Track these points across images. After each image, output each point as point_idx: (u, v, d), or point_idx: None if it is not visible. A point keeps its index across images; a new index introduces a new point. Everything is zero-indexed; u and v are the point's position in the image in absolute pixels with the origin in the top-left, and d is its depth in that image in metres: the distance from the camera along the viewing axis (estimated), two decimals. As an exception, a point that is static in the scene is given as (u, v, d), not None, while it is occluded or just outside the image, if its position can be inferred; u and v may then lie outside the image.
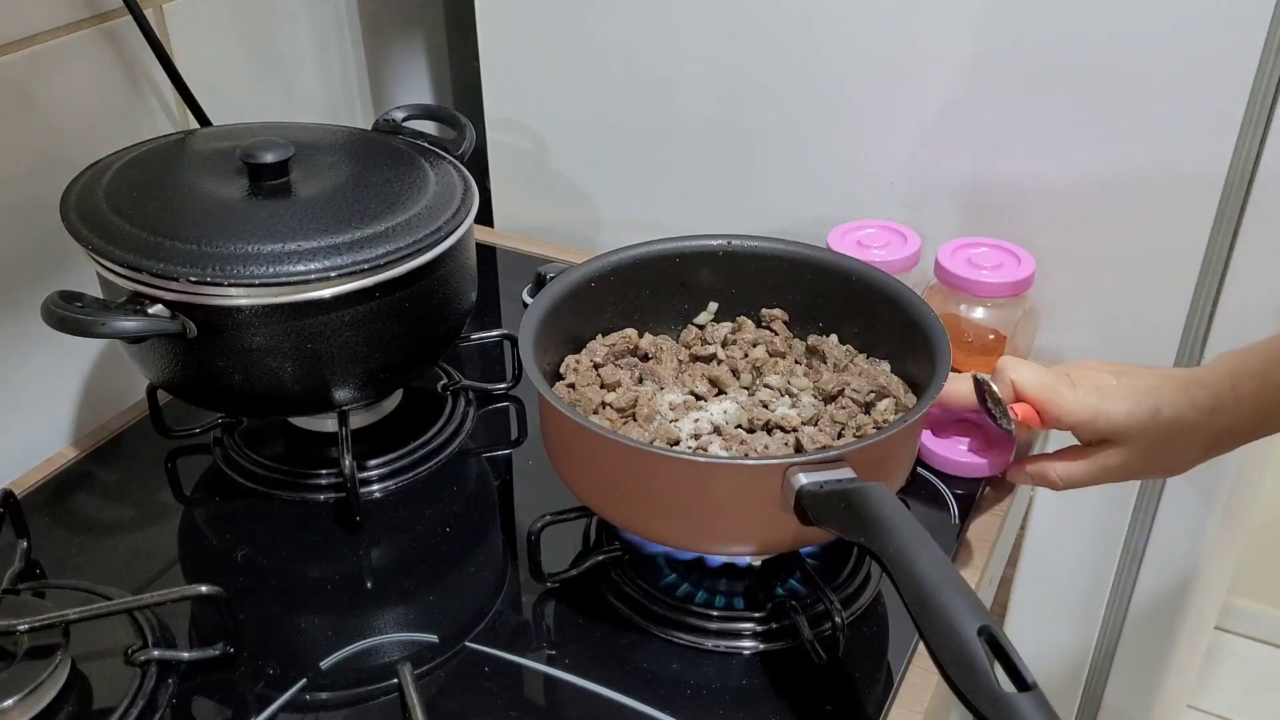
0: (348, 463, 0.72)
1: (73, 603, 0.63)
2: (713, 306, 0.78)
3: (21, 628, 0.59)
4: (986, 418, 0.70)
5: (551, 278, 0.74)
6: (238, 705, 0.61)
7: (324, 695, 0.62)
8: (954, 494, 0.77)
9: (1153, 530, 0.96)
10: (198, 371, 0.69)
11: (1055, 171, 0.85)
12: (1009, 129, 0.85)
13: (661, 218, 1.03)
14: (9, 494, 0.70)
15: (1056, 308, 0.90)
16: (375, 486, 0.77)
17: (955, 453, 0.77)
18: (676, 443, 0.67)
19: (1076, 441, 0.70)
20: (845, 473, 0.58)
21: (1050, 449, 0.95)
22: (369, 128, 0.83)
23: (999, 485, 0.78)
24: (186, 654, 0.63)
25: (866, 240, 0.86)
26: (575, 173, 1.06)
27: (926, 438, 0.78)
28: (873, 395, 0.69)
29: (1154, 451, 0.65)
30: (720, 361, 0.74)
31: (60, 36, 0.77)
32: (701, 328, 0.77)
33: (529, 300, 0.92)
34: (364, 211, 0.70)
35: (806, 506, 0.57)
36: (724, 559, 0.68)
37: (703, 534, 0.63)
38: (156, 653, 0.62)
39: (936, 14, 0.83)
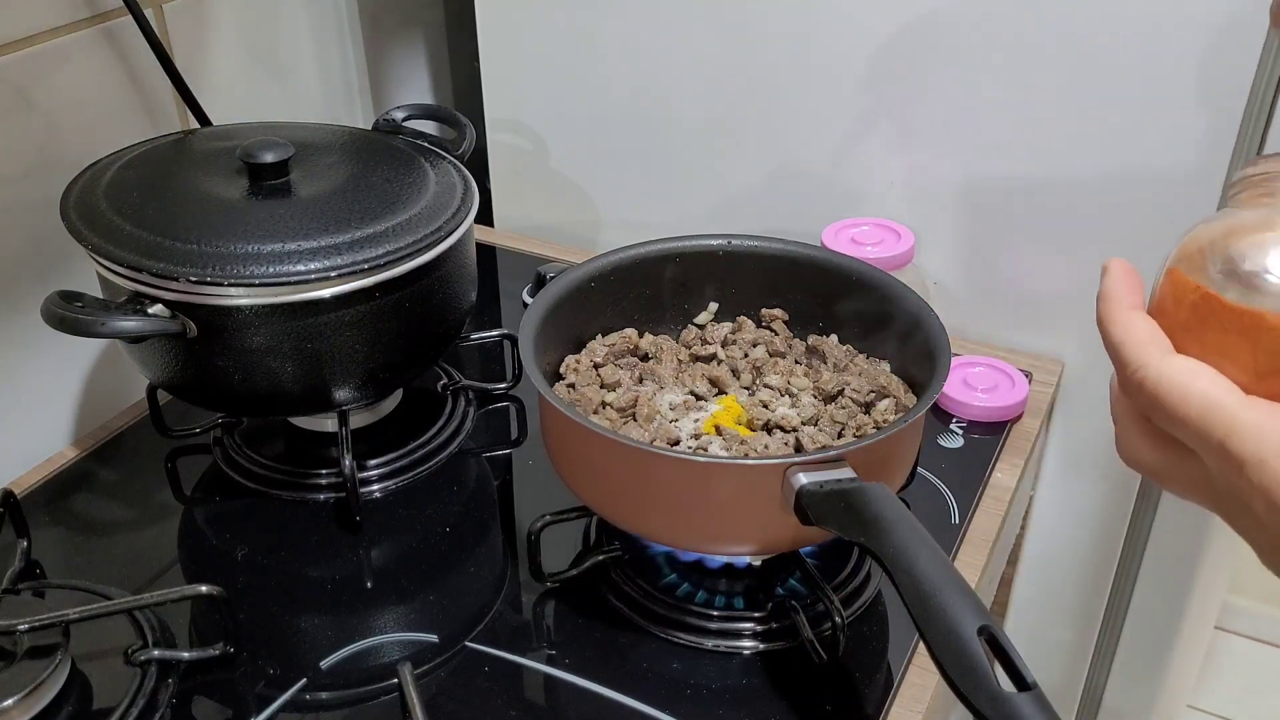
0: (348, 463, 0.72)
1: (73, 603, 0.63)
2: (713, 306, 0.78)
3: (21, 628, 0.59)
4: None
5: (551, 278, 0.74)
6: (238, 705, 0.61)
7: (324, 695, 0.62)
8: (954, 493, 0.77)
9: (1153, 530, 0.96)
10: (198, 371, 0.69)
11: (1054, 171, 0.85)
12: (1007, 128, 0.85)
13: (661, 218, 1.03)
14: (9, 494, 0.70)
15: (1055, 307, 0.90)
16: (375, 486, 0.77)
17: (972, 398, 0.83)
18: (676, 443, 0.67)
19: None
20: (845, 473, 0.58)
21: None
22: (369, 128, 0.83)
23: (999, 484, 0.78)
24: (186, 654, 0.63)
25: (860, 237, 0.86)
26: (575, 173, 1.06)
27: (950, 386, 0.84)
28: (873, 395, 0.69)
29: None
30: (720, 361, 0.74)
31: (60, 36, 0.77)
32: (701, 328, 0.77)
33: (529, 300, 0.92)
34: (364, 211, 0.70)
35: (806, 506, 0.57)
36: (724, 559, 0.68)
37: (703, 534, 0.63)
38: (156, 652, 0.62)
39: (936, 16, 0.83)
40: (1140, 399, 0.41)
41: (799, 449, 0.66)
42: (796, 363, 0.75)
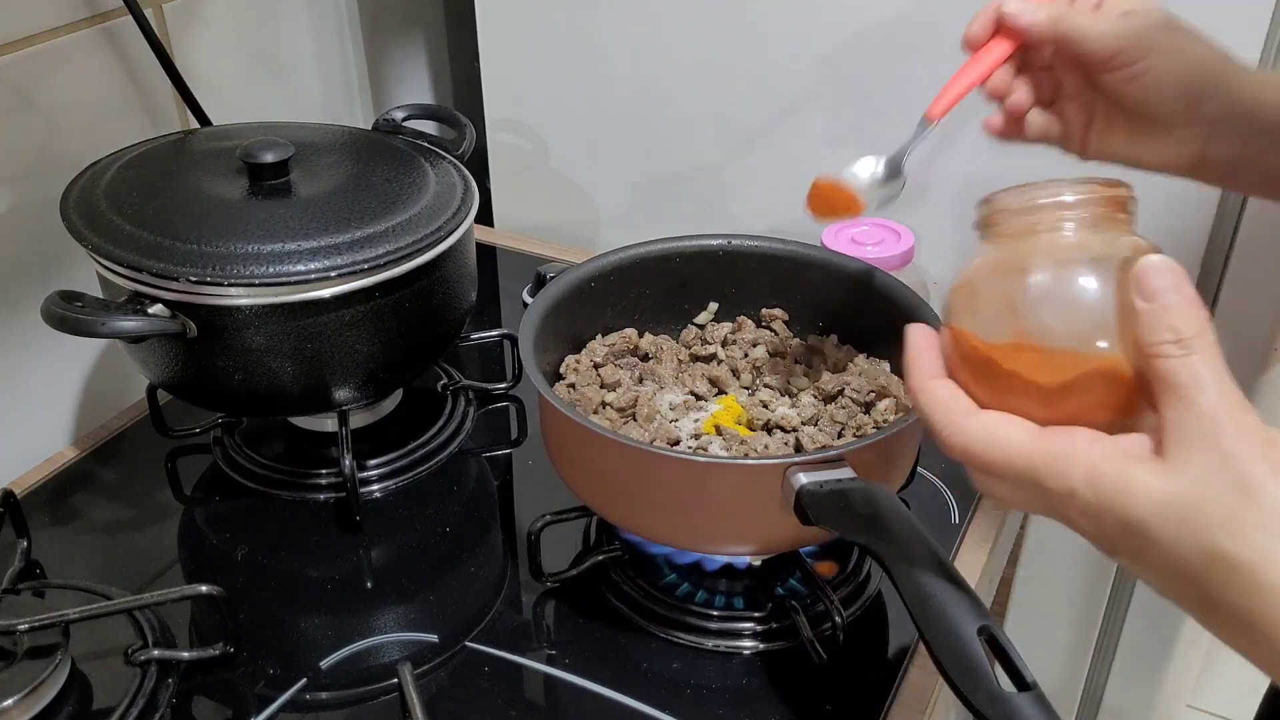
0: (348, 462, 0.72)
1: (73, 603, 0.63)
2: (713, 306, 0.78)
3: (21, 628, 0.59)
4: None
5: (551, 278, 0.74)
6: (238, 705, 0.61)
7: (324, 695, 0.62)
8: (954, 494, 0.77)
9: (1153, 530, 0.96)
10: (198, 371, 0.69)
11: (1054, 171, 0.84)
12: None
13: (661, 218, 1.03)
14: (9, 494, 0.70)
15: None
16: (375, 486, 0.77)
17: None
18: (676, 443, 0.67)
19: None
20: (845, 472, 0.58)
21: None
22: (369, 128, 0.83)
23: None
24: (186, 654, 0.63)
25: (860, 238, 0.86)
26: (575, 173, 1.06)
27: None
28: (873, 395, 0.69)
29: (1164, 26, 0.58)
30: (720, 361, 0.74)
31: (60, 36, 0.77)
32: (701, 328, 0.77)
33: (529, 300, 0.92)
34: (364, 211, 0.70)
35: (806, 506, 0.57)
36: (724, 559, 0.68)
37: (703, 534, 0.63)
38: (156, 652, 0.62)
39: (936, 16, 0.83)
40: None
41: (799, 449, 0.66)
42: (796, 362, 0.75)
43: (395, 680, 0.62)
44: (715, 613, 0.66)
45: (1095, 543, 0.41)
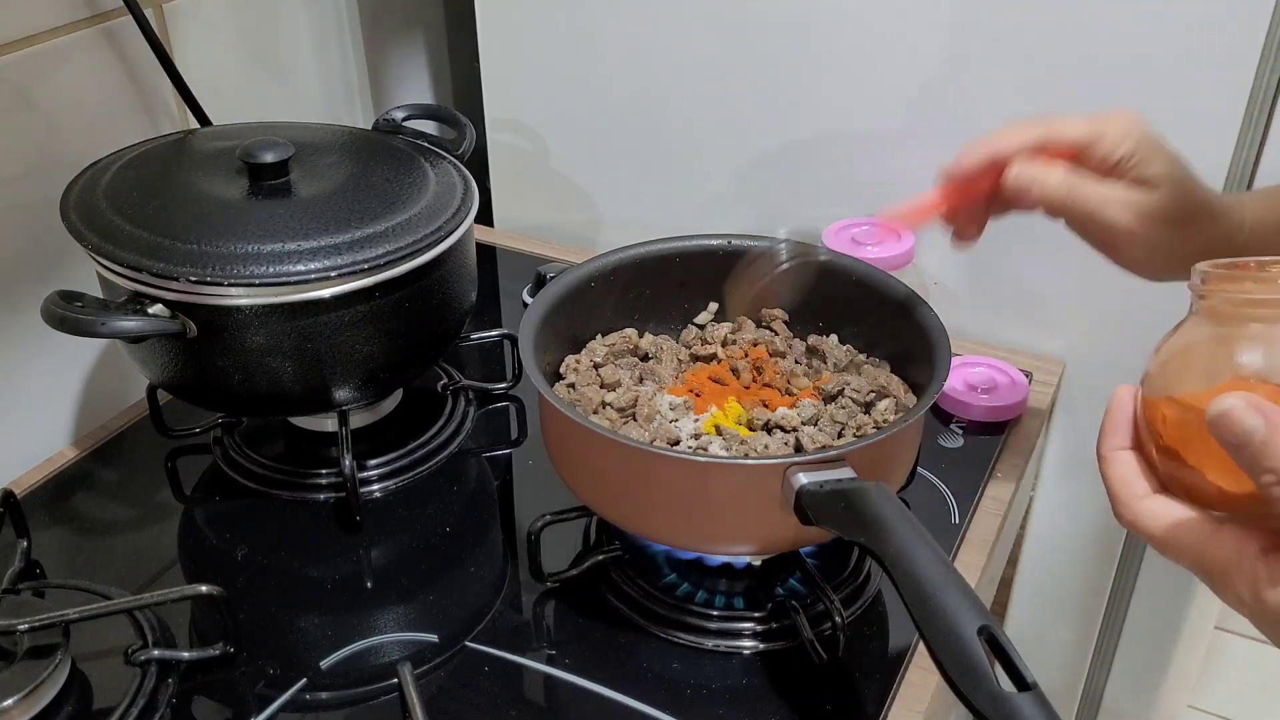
0: (348, 462, 0.72)
1: (73, 603, 0.63)
2: (713, 306, 0.78)
3: (21, 628, 0.59)
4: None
5: (551, 278, 0.74)
6: (238, 705, 0.61)
7: (324, 695, 0.62)
8: (954, 494, 0.77)
9: (1153, 530, 0.96)
10: (198, 371, 0.69)
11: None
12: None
13: (661, 218, 1.03)
14: (9, 494, 0.70)
15: (1055, 307, 0.90)
16: (375, 486, 0.77)
17: (972, 398, 0.83)
18: (676, 443, 0.67)
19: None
20: (845, 472, 0.58)
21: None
22: (369, 128, 0.83)
23: (999, 484, 0.78)
24: (186, 654, 0.63)
25: (861, 238, 0.86)
26: (575, 173, 1.06)
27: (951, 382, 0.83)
28: (873, 395, 0.69)
29: (1176, 206, 0.57)
30: (720, 361, 0.74)
31: (60, 36, 0.77)
32: (701, 328, 0.77)
33: (529, 300, 0.92)
34: (364, 211, 0.70)
35: (806, 506, 0.57)
36: (723, 558, 0.68)
37: (703, 533, 0.63)
38: (156, 652, 0.62)
39: (935, 16, 0.83)
40: (1126, 529, 0.46)
41: (799, 449, 0.66)
42: (796, 363, 0.75)
43: (395, 680, 0.62)
44: (715, 613, 0.66)
45: (1266, 636, 0.42)
